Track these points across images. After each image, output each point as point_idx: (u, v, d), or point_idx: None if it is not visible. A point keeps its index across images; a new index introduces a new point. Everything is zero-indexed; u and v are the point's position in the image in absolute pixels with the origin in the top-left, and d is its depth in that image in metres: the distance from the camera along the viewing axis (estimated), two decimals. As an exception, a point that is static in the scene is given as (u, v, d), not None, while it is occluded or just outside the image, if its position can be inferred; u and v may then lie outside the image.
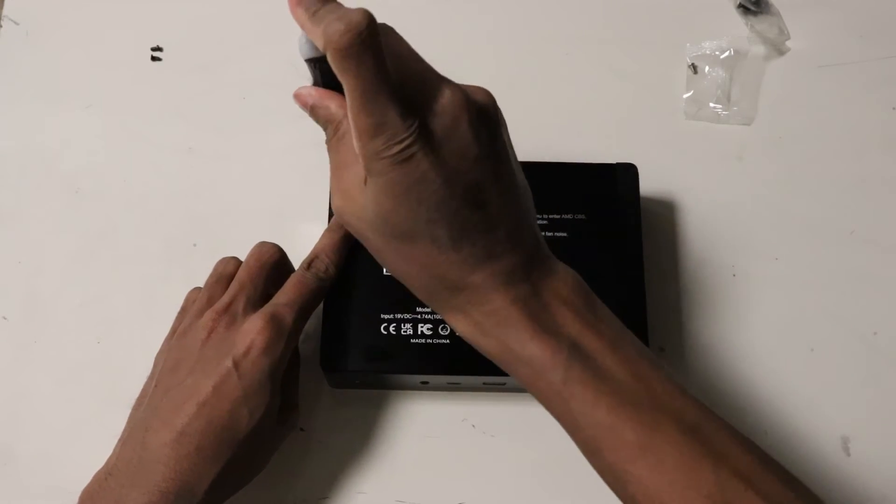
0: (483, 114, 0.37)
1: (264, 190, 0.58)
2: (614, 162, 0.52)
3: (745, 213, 0.56)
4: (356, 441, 0.51)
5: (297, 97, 0.40)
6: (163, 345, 0.47)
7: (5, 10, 0.63)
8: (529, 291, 0.37)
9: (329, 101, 0.38)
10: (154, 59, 0.61)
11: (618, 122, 0.59)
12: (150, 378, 0.46)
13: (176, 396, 0.42)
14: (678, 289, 0.54)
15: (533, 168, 0.51)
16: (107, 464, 0.42)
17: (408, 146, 0.34)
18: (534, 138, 0.52)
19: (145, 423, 0.42)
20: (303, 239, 0.55)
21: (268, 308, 0.43)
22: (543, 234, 0.50)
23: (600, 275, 0.49)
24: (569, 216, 0.51)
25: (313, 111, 0.39)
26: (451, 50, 0.62)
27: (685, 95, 0.60)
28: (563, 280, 0.38)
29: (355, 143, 0.35)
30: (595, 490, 0.50)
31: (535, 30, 0.62)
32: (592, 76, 0.61)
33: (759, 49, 0.61)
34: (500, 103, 0.60)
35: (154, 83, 0.61)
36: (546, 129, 0.58)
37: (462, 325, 0.39)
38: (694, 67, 0.61)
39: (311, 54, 0.38)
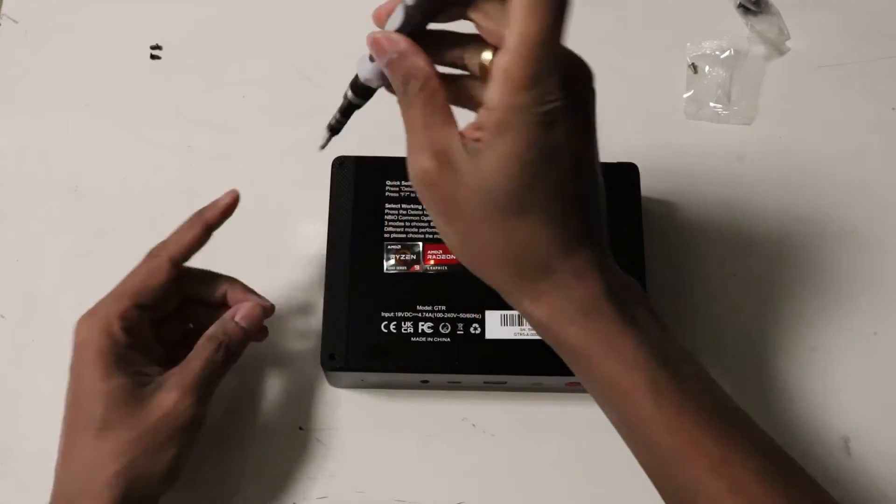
0: (594, 93, 0.35)
1: (264, 189, 0.57)
2: (614, 161, 0.52)
3: (745, 212, 0.56)
4: (356, 441, 0.50)
5: (377, 43, 0.35)
6: None
7: (4, 9, 0.63)
8: (619, 284, 0.36)
9: (418, 55, 0.35)
10: (153, 57, 0.61)
11: (618, 122, 0.59)
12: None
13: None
14: (678, 288, 0.54)
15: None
16: None
17: (555, 108, 0.32)
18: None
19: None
20: (302, 238, 0.56)
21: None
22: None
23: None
24: (569, 215, 0.50)
25: (395, 63, 0.35)
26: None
27: (685, 95, 0.60)
28: (634, 282, 0.37)
29: (495, 93, 0.32)
30: (595, 490, 0.50)
31: (535, 29, 0.62)
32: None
33: (760, 49, 0.61)
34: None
35: (153, 82, 0.61)
36: (546, 128, 0.58)
37: (543, 312, 0.36)
38: (694, 67, 0.60)
39: None
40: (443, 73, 0.36)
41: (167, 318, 0.48)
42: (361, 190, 0.51)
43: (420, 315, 0.48)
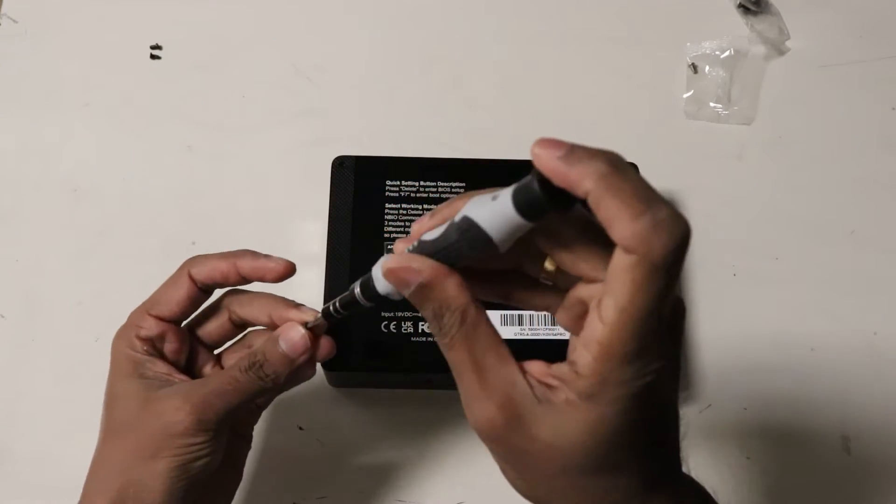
0: (684, 319, 0.31)
1: (263, 189, 0.57)
2: (615, 161, 0.52)
3: (745, 212, 0.56)
4: (356, 441, 0.50)
5: (397, 272, 0.30)
6: None
7: (4, 9, 0.63)
8: None
9: (448, 282, 0.30)
10: (153, 57, 0.61)
11: (618, 122, 0.59)
12: None
13: None
14: (678, 288, 0.54)
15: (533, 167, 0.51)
16: None
17: (654, 377, 0.28)
18: (534, 137, 0.52)
19: None
20: (302, 238, 0.56)
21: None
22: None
23: (601, 274, 0.49)
24: (569, 215, 0.50)
25: (420, 295, 0.30)
26: (453, 50, 0.62)
27: (685, 95, 0.60)
28: None
29: (588, 362, 0.27)
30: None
31: (535, 30, 0.62)
32: (593, 75, 0.61)
33: (760, 49, 0.61)
34: (501, 103, 0.60)
35: (153, 82, 0.61)
36: (547, 128, 0.58)
37: None
38: (694, 67, 0.60)
39: (497, 230, 0.28)
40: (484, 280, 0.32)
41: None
42: (361, 190, 0.51)
43: (420, 315, 0.48)
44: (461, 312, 0.30)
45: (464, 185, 0.51)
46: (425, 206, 0.50)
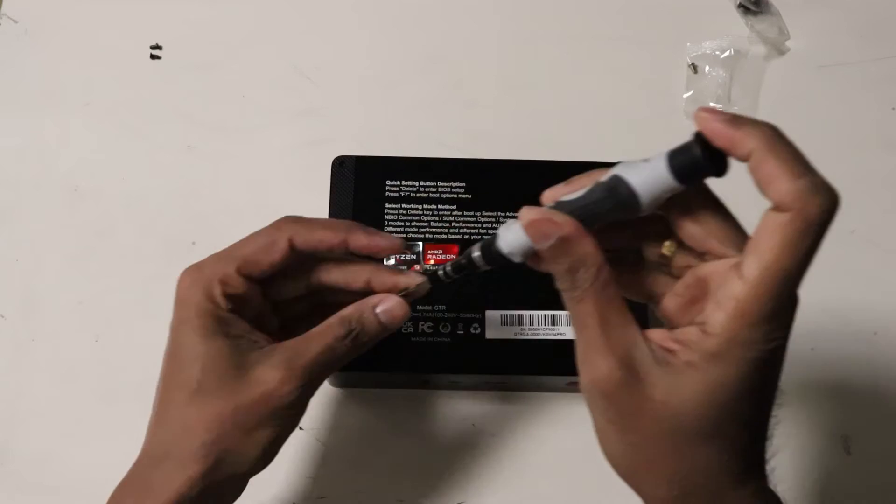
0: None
1: (263, 189, 0.57)
2: (614, 161, 0.52)
3: (745, 212, 0.56)
4: (356, 441, 0.50)
5: (538, 224, 0.31)
6: None
7: (4, 8, 0.63)
8: None
9: (588, 240, 0.31)
10: (153, 57, 0.61)
11: (618, 122, 0.59)
12: None
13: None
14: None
15: (533, 167, 0.51)
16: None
17: (779, 346, 0.29)
18: (534, 137, 0.52)
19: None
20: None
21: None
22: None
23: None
24: (569, 215, 0.50)
25: (559, 248, 0.31)
26: (453, 50, 0.62)
27: (685, 95, 0.60)
28: None
29: (719, 321, 0.29)
30: (595, 490, 0.50)
31: (535, 30, 0.62)
32: (593, 75, 0.61)
33: (760, 49, 0.61)
34: (501, 103, 0.60)
35: (153, 81, 0.61)
36: (546, 127, 0.58)
37: None
38: (694, 67, 0.61)
39: (655, 190, 0.30)
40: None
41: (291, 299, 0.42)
42: (361, 190, 0.51)
43: (420, 315, 0.48)
44: (597, 269, 0.30)
45: (463, 185, 0.51)
46: (425, 206, 0.50)
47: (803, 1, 0.62)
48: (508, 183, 0.51)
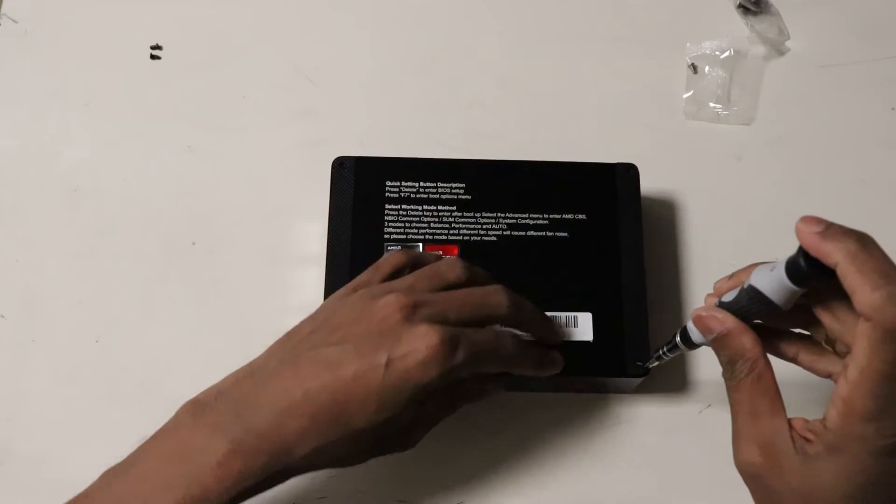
0: None
1: (263, 189, 0.57)
2: (614, 162, 0.52)
3: (744, 212, 0.56)
4: (356, 441, 0.50)
5: (704, 320, 0.36)
6: (343, 292, 0.44)
7: (4, 9, 0.63)
8: None
9: (745, 336, 0.35)
10: (153, 57, 0.61)
11: (618, 122, 0.59)
12: (310, 320, 0.43)
13: (319, 358, 0.39)
14: (679, 288, 0.54)
15: (533, 167, 0.51)
16: (223, 382, 0.41)
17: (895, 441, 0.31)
18: (534, 137, 0.52)
19: (278, 365, 0.40)
20: (302, 238, 0.56)
21: (453, 330, 0.39)
22: (544, 234, 0.50)
23: (600, 275, 0.49)
24: (569, 216, 0.51)
25: (721, 342, 0.36)
26: (453, 51, 0.62)
27: (685, 95, 0.60)
28: None
29: (833, 417, 0.32)
30: (595, 490, 0.50)
31: (535, 30, 0.62)
32: (593, 76, 0.61)
33: (759, 49, 0.61)
34: (502, 104, 0.60)
35: (153, 82, 0.61)
36: (546, 128, 0.58)
37: None
38: (694, 67, 0.61)
39: (773, 295, 0.34)
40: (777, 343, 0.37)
41: None
42: (361, 190, 0.51)
43: None
44: (752, 363, 0.35)
45: (463, 185, 0.51)
46: (425, 207, 0.51)
47: (803, 1, 0.62)
48: (508, 184, 0.51)
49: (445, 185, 0.51)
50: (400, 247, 0.50)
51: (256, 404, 0.39)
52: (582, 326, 0.48)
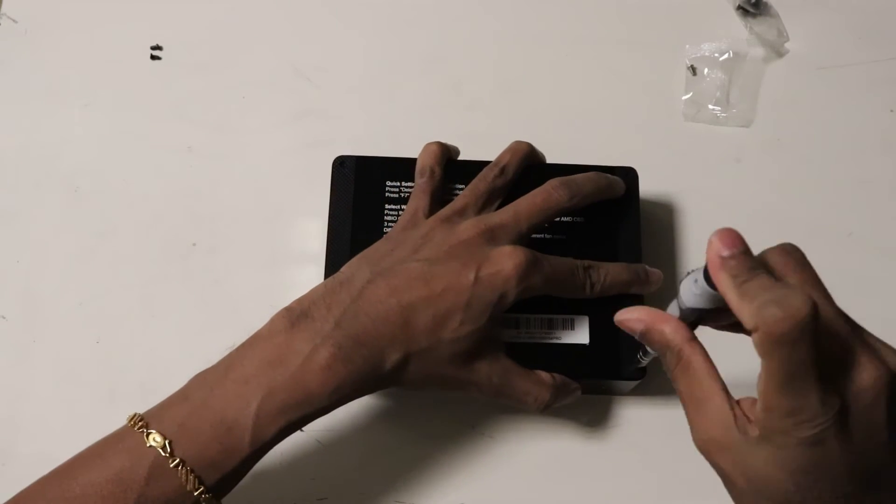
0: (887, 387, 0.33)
1: (264, 189, 0.58)
2: (613, 164, 0.52)
3: (744, 214, 0.56)
4: (356, 441, 0.51)
5: (625, 323, 0.37)
6: (406, 221, 0.47)
7: (4, 8, 0.63)
8: None
9: (663, 325, 0.36)
10: (154, 57, 0.61)
11: (617, 124, 0.59)
12: (387, 241, 0.46)
13: (410, 271, 0.42)
14: (677, 290, 0.54)
15: (532, 169, 0.51)
16: (313, 292, 0.43)
17: (822, 431, 0.31)
18: (533, 140, 0.52)
19: (371, 276, 0.42)
20: (302, 238, 0.56)
21: (536, 253, 0.44)
22: (543, 236, 0.50)
23: (600, 276, 0.49)
24: (568, 219, 0.51)
25: (647, 337, 0.37)
26: (452, 51, 0.62)
27: (684, 97, 0.60)
28: None
29: (758, 410, 0.33)
30: (595, 490, 0.50)
31: (534, 31, 0.62)
32: (592, 77, 0.61)
33: (758, 51, 0.61)
34: (501, 105, 0.61)
35: (153, 82, 0.61)
36: (546, 130, 0.58)
37: None
38: (693, 69, 0.61)
39: (699, 305, 0.36)
40: None
41: None
42: (361, 190, 0.51)
43: None
44: (678, 352, 0.36)
45: (463, 185, 0.51)
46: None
47: (802, 2, 0.62)
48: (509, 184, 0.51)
49: (445, 185, 0.51)
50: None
51: (353, 312, 0.41)
52: (578, 329, 0.48)
